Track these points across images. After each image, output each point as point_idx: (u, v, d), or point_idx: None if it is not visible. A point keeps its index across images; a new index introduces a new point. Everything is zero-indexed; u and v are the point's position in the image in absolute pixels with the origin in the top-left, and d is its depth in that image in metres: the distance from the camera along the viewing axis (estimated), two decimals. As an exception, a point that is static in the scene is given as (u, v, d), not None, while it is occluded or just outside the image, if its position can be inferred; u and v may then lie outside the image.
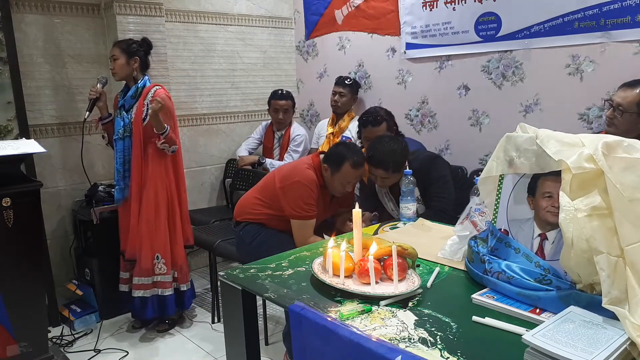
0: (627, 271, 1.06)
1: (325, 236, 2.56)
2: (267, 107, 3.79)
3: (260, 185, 2.64)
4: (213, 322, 3.04)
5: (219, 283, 1.63)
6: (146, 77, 2.81)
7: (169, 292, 2.83)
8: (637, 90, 2.13)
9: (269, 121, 3.85)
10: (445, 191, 2.48)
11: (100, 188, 3.14)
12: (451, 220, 2.16)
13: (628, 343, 0.99)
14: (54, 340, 2.79)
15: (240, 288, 1.50)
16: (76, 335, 2.88)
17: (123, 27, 3.16)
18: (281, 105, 3.68)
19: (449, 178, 2.54)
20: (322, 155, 2.54)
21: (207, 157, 3.90)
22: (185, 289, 2.91)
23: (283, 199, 2.45)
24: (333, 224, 2.69)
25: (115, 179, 2.82)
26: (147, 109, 2.70)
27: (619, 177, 1.11)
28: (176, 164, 2.87)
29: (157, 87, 2.79)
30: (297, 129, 3.77)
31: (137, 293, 2.79)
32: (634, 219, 1.08)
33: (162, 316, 2.91)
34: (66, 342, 2.81)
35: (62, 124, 3.21)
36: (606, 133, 2.20)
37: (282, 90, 3.76)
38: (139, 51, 2.79)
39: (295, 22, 4.30)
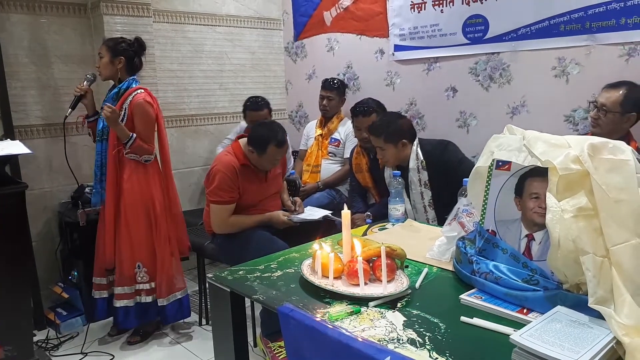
0: (613, 271, 1.08)
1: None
2: (243, 115, 3.50)
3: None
4: (201, 324, 3.02)
5: (207, 285, 1.62)
6: (132, 79, 2.65)
7: (150, 299, 2.70)
8: (621, 91, 2.17)
9: (247, 126, 3.49)
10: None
11: (87, 190, 3.09)
12: None
13: (614, 342, 1.01)
14: (40, 343, 2.75)
15: (229, 290, 1.49)
16: (62, 339, 2.83)
17: (110, 28, 3.13)
18: (260, 116, 3.35)
19: (467, 159, 2.52)
20: (242, 140, 2.62)
21: (195, 158, 3.88)
22: (164, 303, 2.69)
23: (207, 190, 2.58)
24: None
25: (93, 182, 2.71)
26: (125, 112, 2.57)
27: (605, 178, 1.12)
28: (164, 170, 2.73)
29: (140, 90, 2.60)
30: None
31: (120, 303, 2.65)
32: (619, 219, 1.10)
33: (145, 323, 2.79)
34: (52, 345, 2.77)
35: (48, 124, 3.16)
36: (591, 134, 2.22)
37: (256, 98, 3.48)
38: (127, 51, 2.62)
39: (284, 24, 4.29)
